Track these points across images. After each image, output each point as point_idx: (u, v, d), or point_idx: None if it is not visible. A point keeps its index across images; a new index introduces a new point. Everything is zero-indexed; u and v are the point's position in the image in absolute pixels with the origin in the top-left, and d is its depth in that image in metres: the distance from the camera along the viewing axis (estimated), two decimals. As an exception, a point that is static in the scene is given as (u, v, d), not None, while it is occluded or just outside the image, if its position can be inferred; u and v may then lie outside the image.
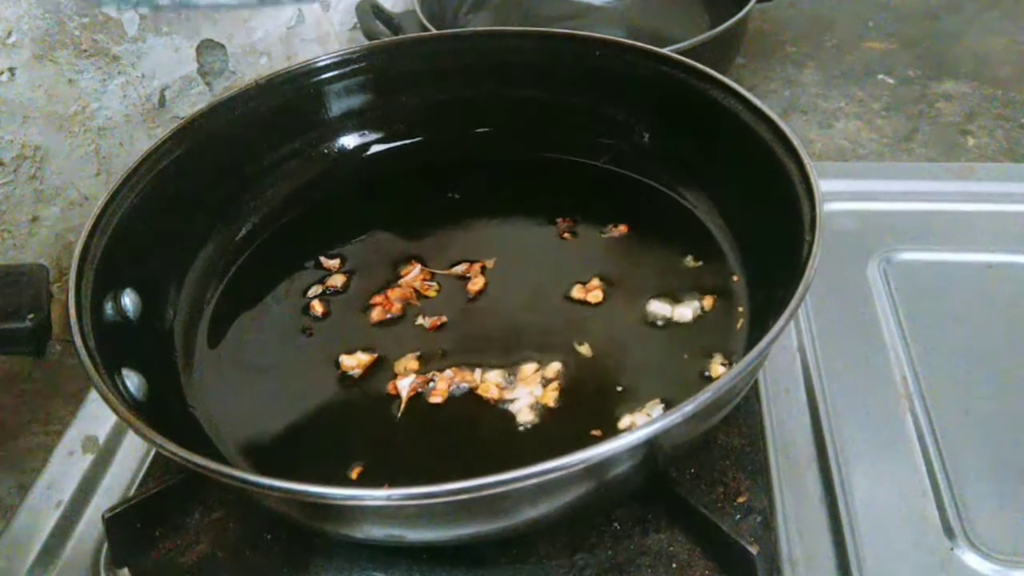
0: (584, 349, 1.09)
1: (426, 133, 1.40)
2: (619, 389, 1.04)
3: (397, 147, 1.39)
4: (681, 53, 1.22)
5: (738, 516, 0.95)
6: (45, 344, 1.00)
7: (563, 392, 1.04)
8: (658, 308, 1.13)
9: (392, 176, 1.37)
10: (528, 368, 1.07)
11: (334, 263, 1.24)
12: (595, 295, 1.16)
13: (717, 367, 1.05)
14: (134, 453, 1.11)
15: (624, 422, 1.00)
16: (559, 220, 1.27)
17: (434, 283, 1.20)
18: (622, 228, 1.25)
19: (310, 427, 1.04)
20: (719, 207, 1.21)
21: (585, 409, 1.03)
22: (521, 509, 0.84)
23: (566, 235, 1.25)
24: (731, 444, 1.02)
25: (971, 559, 0.93)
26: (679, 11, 1.91)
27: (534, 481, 0.76)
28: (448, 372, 1.08)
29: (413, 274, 1.21)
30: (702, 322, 1.11)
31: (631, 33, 1.32)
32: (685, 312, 1.11)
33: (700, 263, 1.18)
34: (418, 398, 1.06)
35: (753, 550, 0.87)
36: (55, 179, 1.44)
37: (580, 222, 1.26)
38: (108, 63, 1.48)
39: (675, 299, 1.13)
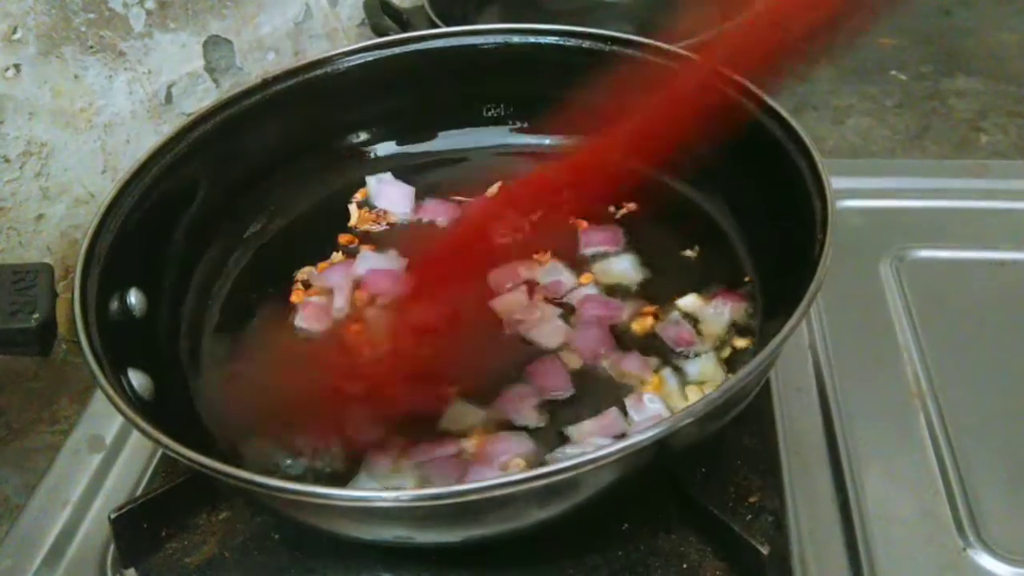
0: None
1: (434, 129, 1.39)
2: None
3: (405, 144, 1.38)
4: (692, 49, 1.21)
5: (749, 516, 0.94)
6: (51, 344, 0.99)
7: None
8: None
9: (399, 174, 1.36)
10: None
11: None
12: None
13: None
14: (141, 452, 1.11)
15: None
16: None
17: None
18: (631, 206, 1.27)
19: (317, 427, 1.04)
20: (730, 203, 1.21)
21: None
22: (530, 510, 0.83)
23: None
24: (742, 443, 1.01)
25: (984, 560, 0.93)
26: (690, 7, 1.90)
27: (543, 482, 0.75)
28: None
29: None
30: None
31: (641, 29, 1.31)
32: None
33: (709, 258, 1.17)
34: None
35: (764, 550, 0.86)
36: (61, 176, 1.44)
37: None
38: (114, 59, 1.48)
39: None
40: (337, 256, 1.23)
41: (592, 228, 1.24)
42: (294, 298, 1.18)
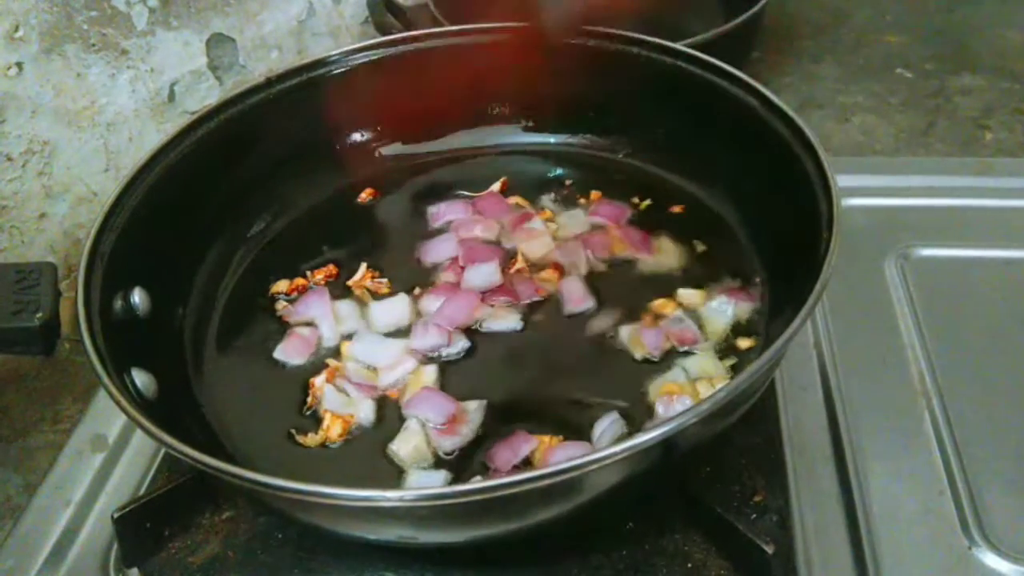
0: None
1: (439, 127, 1.39)
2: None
3: (409, 143, 1.38)
4: (696, 47, 1.21)
5: (754, 515, 0.94)
6: (54, 343, 0.99)
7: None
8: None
9: (405, 171, 1.36)
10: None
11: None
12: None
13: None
14: (144, 452, 1.11)
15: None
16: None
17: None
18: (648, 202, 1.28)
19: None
20: (736, 202, 1.21)
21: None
22: (534, 510, 0.83)
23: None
24: (747, 443, 1.01)
25: (989, 559, 0.93)
26: (694, 5, 1.90)
27: (547, 482, 0.75)
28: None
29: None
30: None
31: (645, 27, 1.31)
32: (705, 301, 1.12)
33: (715, 256, 1.18)
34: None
35: (769, 549, 0.86)
36: (63, 174, 1.43)
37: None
38: (117, 57, 1.47)
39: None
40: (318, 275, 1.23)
41: (604, 200, 1.28)
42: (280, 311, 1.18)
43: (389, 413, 1.04)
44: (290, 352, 1.12)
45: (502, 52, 1.20)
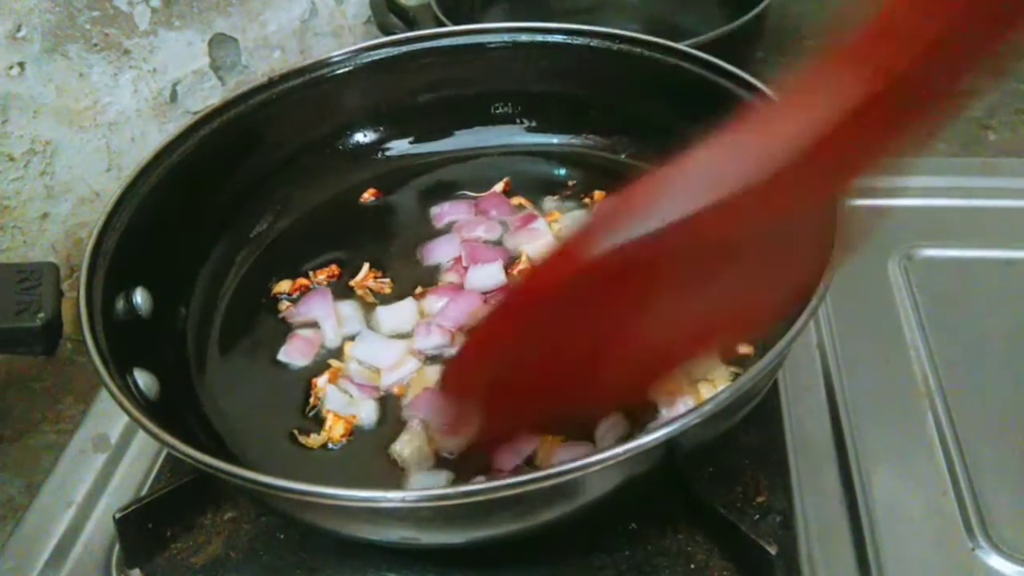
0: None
1: (442, 129, 1.39)
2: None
3: (412, 143, 1.38)
4: (700, 48, 1.21)
5: (757, 516, 0.93)
6: (56, 343, 0.99)
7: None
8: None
9: (408, 172, 1.36)
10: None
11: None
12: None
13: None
14: (146, 452, 1.11)
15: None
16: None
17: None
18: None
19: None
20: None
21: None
22: (537, 510, 0.83)
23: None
24: (750, 443, 1.01)
25: (993, 560, 0.92)
26: (697, 5, 1.90)
27: (549, 483, 0.75)
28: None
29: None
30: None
31: (648, 27, 1.31)
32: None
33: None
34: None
35: (772, 550, 0.86)
36: (65, 174, 1.43)
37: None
38: (119, 57, 1.47)
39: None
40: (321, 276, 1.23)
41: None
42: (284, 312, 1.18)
43: (391, 414, 1.04)
44: (293, 353, 1.11)
45: None
